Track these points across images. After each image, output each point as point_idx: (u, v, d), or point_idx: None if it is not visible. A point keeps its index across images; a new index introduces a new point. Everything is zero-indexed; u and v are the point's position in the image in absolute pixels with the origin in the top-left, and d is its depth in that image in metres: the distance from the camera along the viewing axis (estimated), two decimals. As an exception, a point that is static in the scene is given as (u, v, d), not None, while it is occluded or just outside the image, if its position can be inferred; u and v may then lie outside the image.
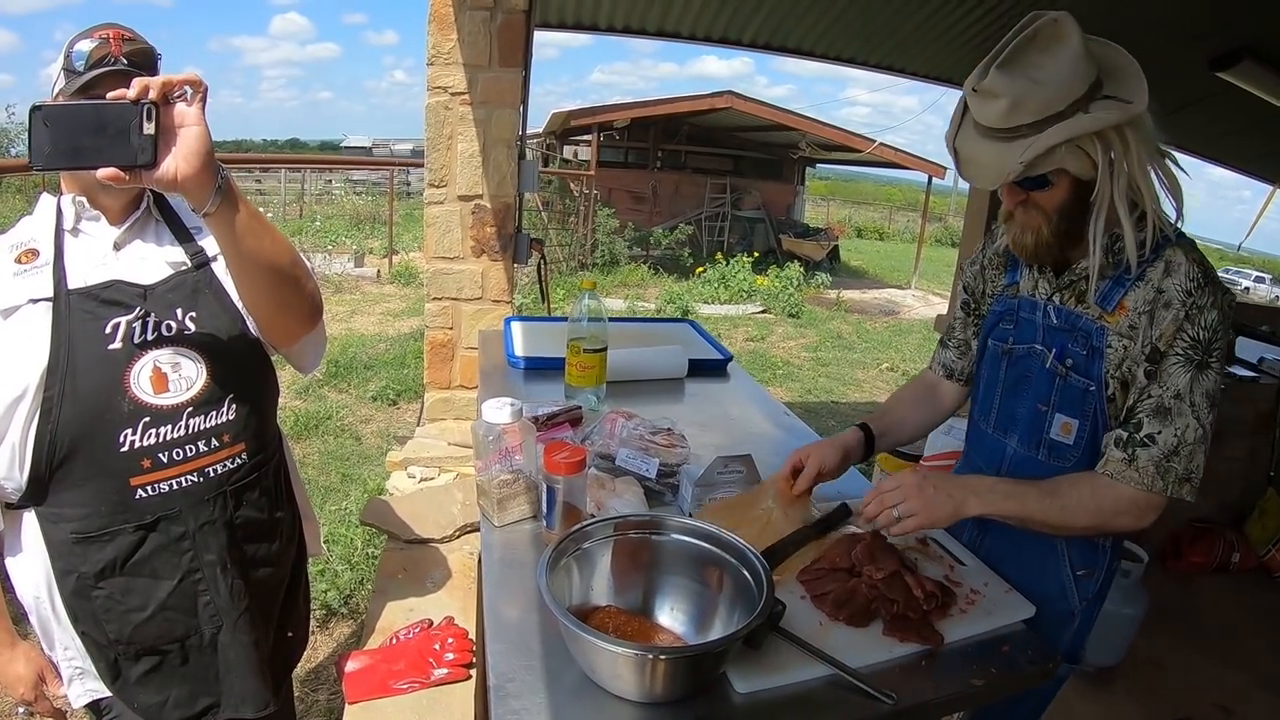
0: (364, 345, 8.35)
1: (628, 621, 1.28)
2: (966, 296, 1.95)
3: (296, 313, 1.64)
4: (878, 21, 4.79)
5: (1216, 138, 6.19)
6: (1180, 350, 1.48)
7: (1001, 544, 1.73)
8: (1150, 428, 1.50)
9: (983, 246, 1.91)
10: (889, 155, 19.26)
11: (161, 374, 1.53)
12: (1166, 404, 1.49)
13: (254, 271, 1.50)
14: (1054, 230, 1.56)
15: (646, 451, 1.80)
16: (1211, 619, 4.19)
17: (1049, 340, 1.67)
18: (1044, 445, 1.69)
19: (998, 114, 1.45)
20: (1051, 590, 1.71)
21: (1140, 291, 1.52)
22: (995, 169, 1.49)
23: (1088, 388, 1.60)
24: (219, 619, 1.65)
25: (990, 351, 1.82)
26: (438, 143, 3.20)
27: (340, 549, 4.03)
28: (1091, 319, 1.59)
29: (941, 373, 2.04)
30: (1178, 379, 1.49)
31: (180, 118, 1.26)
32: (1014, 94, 1.42)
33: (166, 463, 1.54)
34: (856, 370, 9.91)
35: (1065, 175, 1.49)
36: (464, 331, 3.52)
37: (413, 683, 2.04)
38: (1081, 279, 1.60)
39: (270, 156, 28.53)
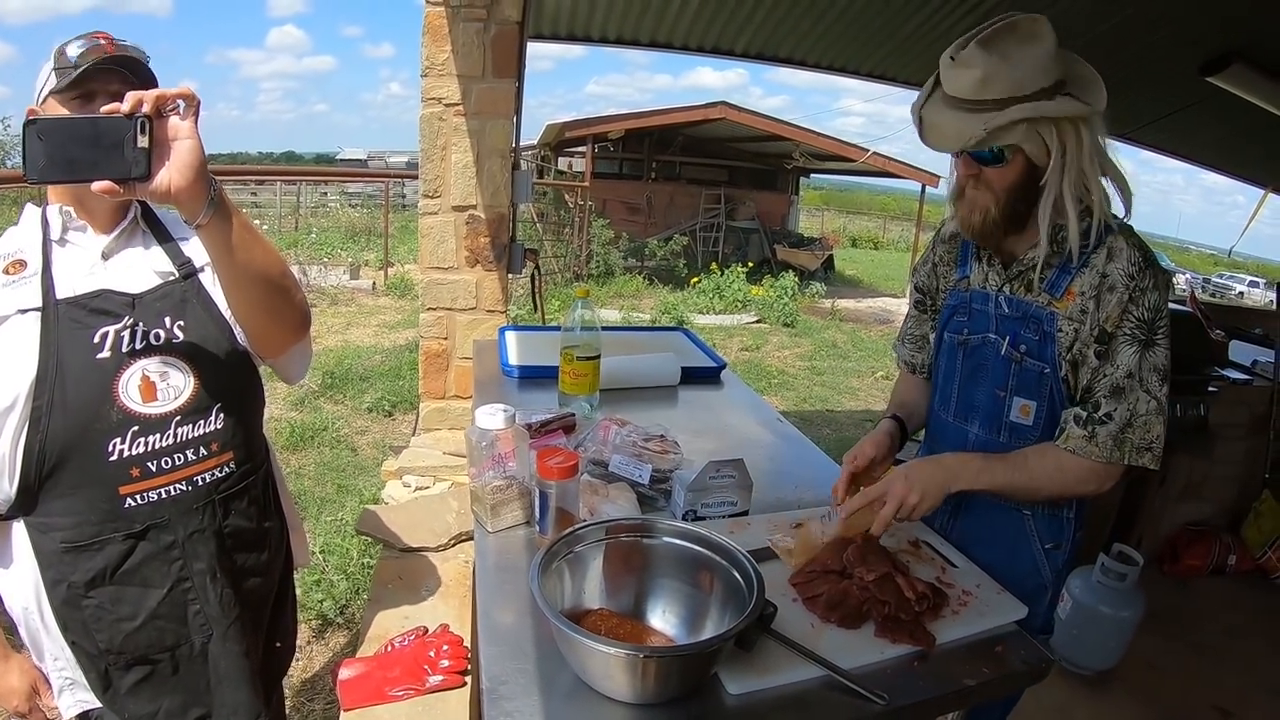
0: (359, 357, 8.36)
1: (620, 624, 1.29)
2: (920, 295, 2.04)
3: (287, 323, 1.65)
4: (870, 30, 4.81)
5: (1209, 143, 6.22)
6: (1128, 331, 1.58)
7: (974, 526, 1.84)
8: (1108, 406, 1.60)
9: (932, 246, 1.99)
10: (883, 164, 19.29)
11: (150, 383, 1.53)
12: (1120, 383, 1.59)
13: (246, 282, 1.51)
14: (1002, 211, 1.64)
15: (639, 458, 1.80)
16: (1209, 622, 4.19)
17: (1002, 329, 1.75)
18: (1005, 429, 1.77)
19: (969, 84, 1.54)
20: (1025, 566, 1.81)
21: (1086, 277, 1.62)
22: (957, 134, 1.57)
23: (1042, 370, 1.69)
24: (209, 628, 1.64)
25: (946, 343, 1.90)
26: (432, 153, 3.21)
27: (336, 559, 4.03)
28: (1041, 306, 1.68)
29: (904, 369, 2.14)
30: (1129, 359, 1.59)
31: (174, 131, 1.27)
32: (987, 69, 1.52)
33: (155, 471, 1.54)
34: (851, 379, 9.93)
35: (1020, 156, 1.58)
36: (459, 341, 3.52)
37: (408, 690, 2.05)
38: (1029, 269, 1.68)
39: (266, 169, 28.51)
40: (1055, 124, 1.54)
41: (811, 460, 2.20)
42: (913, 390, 2.11)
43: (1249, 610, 4.38)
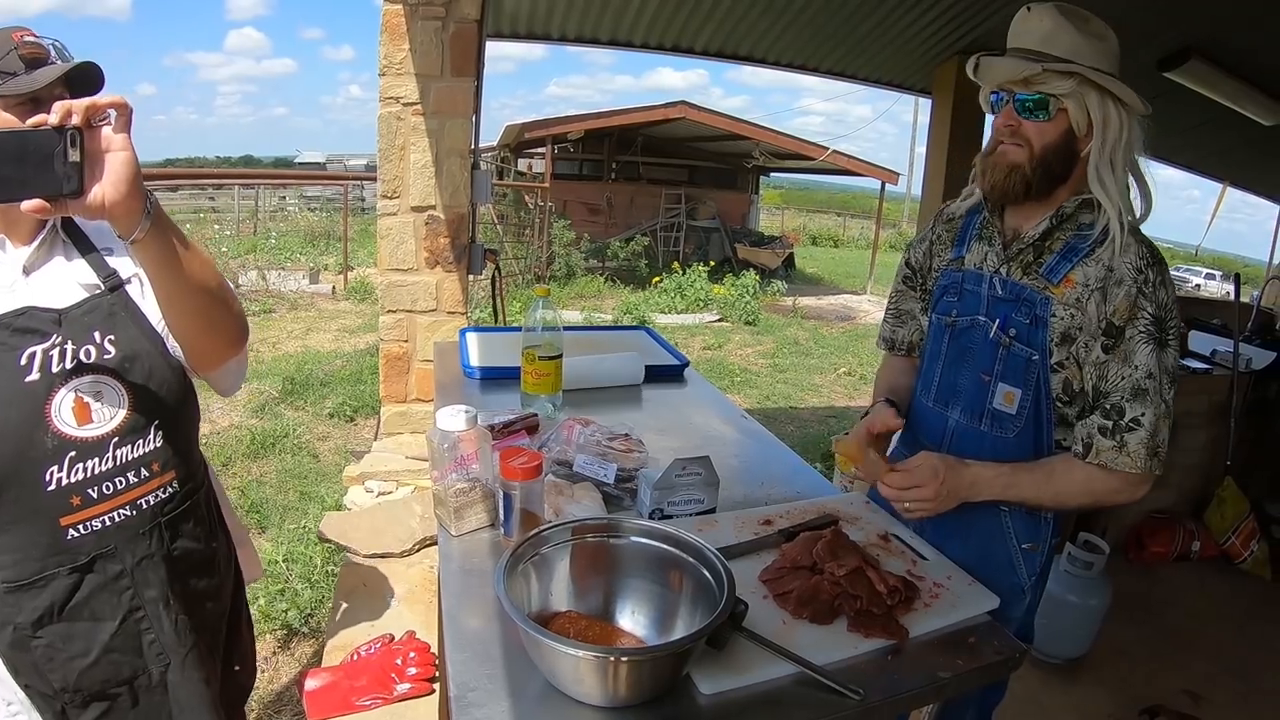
0: (320, 362, 8.28)
1: (589, 626, 1.26)
2: (908, 271, 2.04)
3: (225, 336, 1.58)
4: (829, 28, 4.83)
5: (1164, 137, 6.30)
6: (1142, 328, 1.57)
7: (950, 521, 1.76)
8: (1133, 411, 1.58)
9: (931, 224, 1.99)
10: (843, 162, 19.45)
11: (84, 404, 1.44)
12: (1142, 384, 1.57)
13: (183, 297, 1.44)
14: (1034, 170, 1.64)
15: (604, 457, 1.78)
16: (1175, 608, 4.25)
17: (992, 311, 1.75)
18: (987, 415, 1.77)
19: (1037, 35, 1.61)
20: (999, 563, 1.79)
21: (1090, 268, 1.62)
22: (1013, 68, 1.61)
23: (1030, 356, 1.68)
24: (166, 657, 1.57)
25: (934, 326, 1.90)
26: (390, 153, 3.18)
27: (300, 567, 3.97)
28: (1036, 290, 1.67)
29: (883, 346, 2.13)
30: (1147, 359, 1.57)
31: (106, 142, 1.20)
32: (1057, 25, 1.58)
33: (97, 498, 1.46)
34: (814, 376, 9.97)
35: (1063, 115, 1.61)
36: (419, 344, 3.49)
37: (375, 699, 2.02)
38: (1029, 248, 1.70)
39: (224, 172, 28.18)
40: (1103, 99, 1.59)
41: (778, 456, 2.19)
42: (897, 373, 2.10)
43: (1214, 596, 4.46)
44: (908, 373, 2.07)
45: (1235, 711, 3.39)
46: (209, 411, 6.58)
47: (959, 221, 1.91)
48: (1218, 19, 3.98)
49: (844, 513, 1.75)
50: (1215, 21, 4.01)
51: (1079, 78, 1.57)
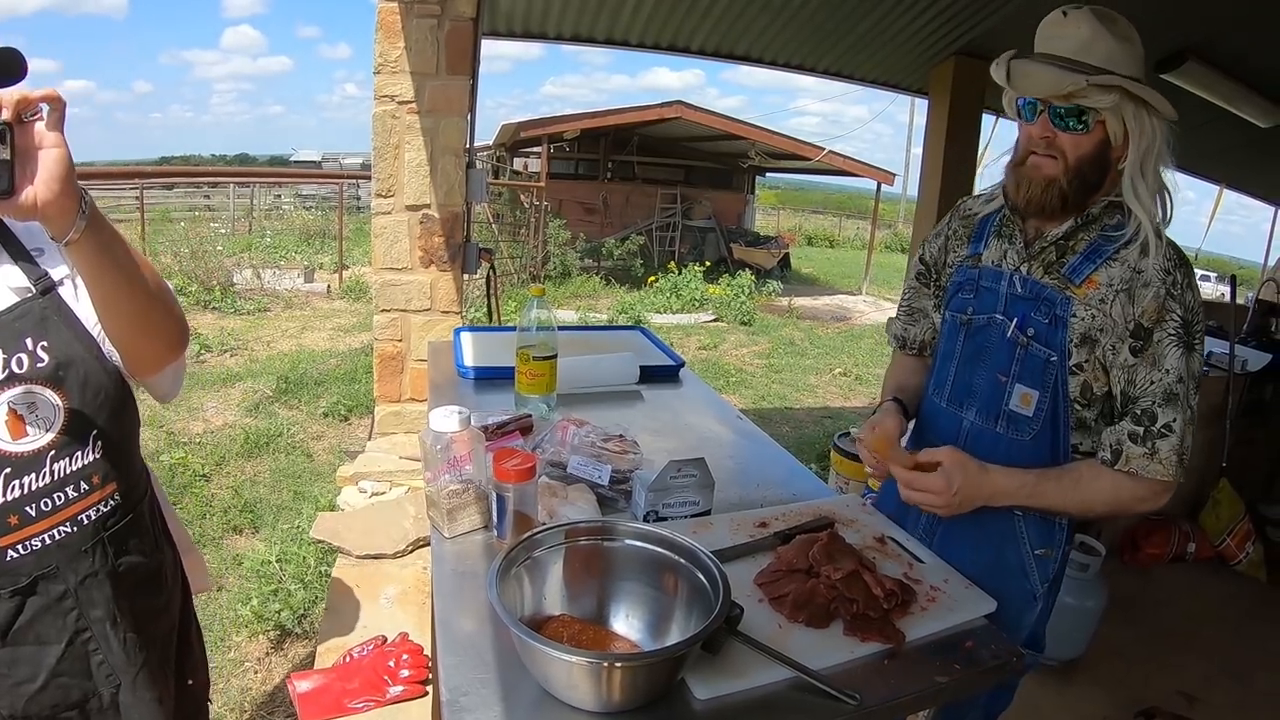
0: (314, 361, 8.27)
1: (582, 630, 1.25)
2: (922, 267, 2.00)
3: (165, 340, 1.50)
4: (827, 27, 4.82)
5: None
6: (1171, 331, 1.54)
7: (961, 525, 1.75)
8: (1165, 417, 1.55)
9: (948, 219, 1.94)
10: (839, 163, 19.45)
11: (18, 416, 1.36)
12: (1173, 389, 1.55)
13: (121, 299, 1.36)
14: (1069, 181, 1.61)
15: (598, 458, 1.77)
16: (1171, 609, 4.26)
17: (1010, 310, 1.71)
18: (1003, 417, 1.73)
19: (1074, 42, 1.56)
20: (1011, 568, 1.77)
21: (1114, 270, 1.59)
22: (1055, 80, 1.55)
23: (1049, 357, 1.65)
24: (116, 678, 1.51)
25: (949, 323, 1.86)
26: (385, 152, 3.16)
27: (293, 568, 3.96)
28: (1057, 289, 1.64)
29: (894, 344, 2.09)
30: (1176, 362, 1.55)
31: (38, 139, 1.14)
32: (1095, 32, 1.54)
33: (35, 516, 1.38)
34: (810, 376, 9.96)
35: (1100, 128, 1.58)
36: (413, 343, 3.47)
37: (368, 701, 2.00)
38: (1051, 247, 1.66)
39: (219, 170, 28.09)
40: (1139, 107, 1.56)
41: (773, 458, 2.17)
42: (907, 372, 2.07)
43: (1209, 597, 4.46)
44: (918, 372, 2.04)
45: (1230, 713, 3.39)
46: (202, 410, 6.58)
47: (975, 218, 1.88)
48: (1215, 21, 3.98)
49: (840, 515, 1.73)
50: (1212, 23, 4.01)
51: (1120, 91, 1.54)
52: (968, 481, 1.61)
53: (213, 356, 8.17)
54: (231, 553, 4.40)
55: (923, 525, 1.85)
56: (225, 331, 8.95)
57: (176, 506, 4.66)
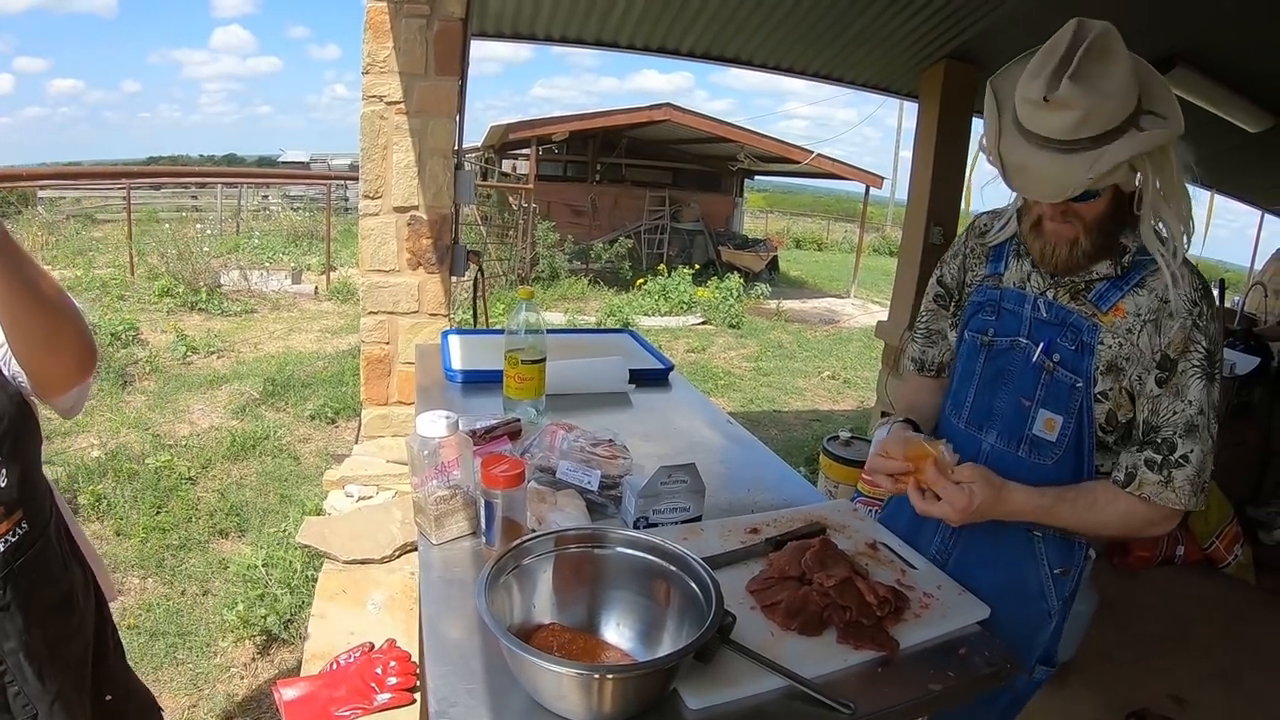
0: (301, 363, 8.23)
1: (573, 639, 1.24)
2: (940, 290, 1.94)
3: (75, 358, 1.43)
4: (817, 30, 4.82)
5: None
6: (1196, 363, 1.51)
7: (979, 545, 1.75)
8: (1184, 448, 1.53)
9: (964, 239, 1.90)
10: (827, 166, 19.47)
11: None
12: (1195, 420, 1.52)
13: (29, 317, 1.31)
14: (1093, 241, 1.56)
15: (588, 463, 1.75)
16: (1160, 612, 4.26)
17: (1036, 334, 1.67)
18: (1026, 442, 1.69)
19: (1067, 126, 1.43)
20: (1030, 590, 1.75)
21: (1142, 299, 1.55)
22: (1059, 182, 1.47)
23: (1075, 383, 1.61)
24: (32, 708, 1.48)
25: (968, 344, 1.81)
26: (373, 153, 3.14)
27: (279, 572, 3.93)
28: (1084, 316, 1.61)
29: (911, 367, 2.04)
30: (1199, 394, 1.52)
31: None
32: (1087, 106, 1.41)
33: None
34: (798, 379, 9.96)
35: (1112, 187, 1.51)
36: (401, 346, 3.45)
37: (355, 709, 1.98)
38: (1080, 279, 1.61)
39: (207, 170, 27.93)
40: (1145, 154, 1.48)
41: (763, 462, 2.16)
42: (921, 392, 2.02)
43: (1198, 600, 4.47)
44: (934, 393, 1.99)
45: (1221, 715, 3.38)
46: (188, 413, 6.55)
47: (992, 240, 1.83)
48: (1203, 26, 3.98)
49: (831, 520, 1.72)
50: (1201, 28, 4.02)
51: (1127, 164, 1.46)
52: (986, 499, 1.57)
53: (199, 358, 8.12)
54: (217, 556, 4.37)
55: (936, 545, 1.83)
56: (211, 333, 8.90)
57: (162, 510, 4.65)
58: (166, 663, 3.41)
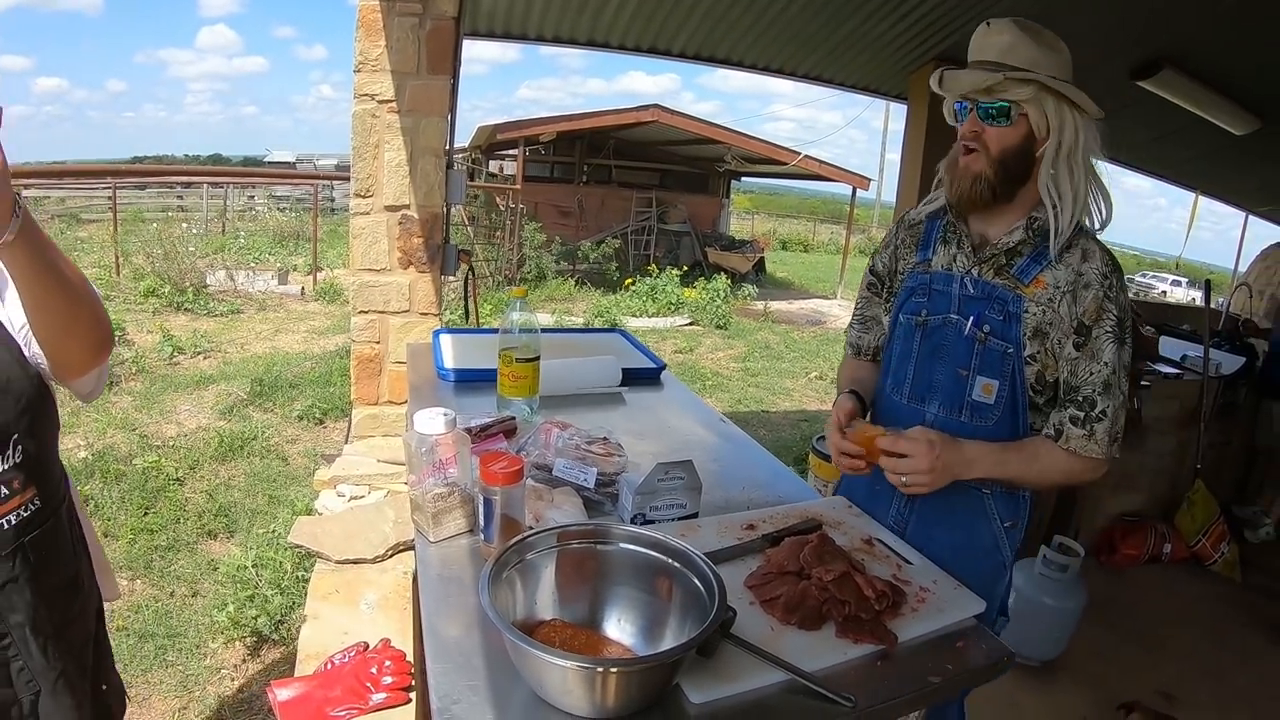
0: (289, 364, 8.19)
1: (575, 635, 1.24)
2: (873, 279, 2.12)
3: (94, 341, 1.49)
4: (808, 31, 4.83)
5: (1138, 145, 6.36)
6: (1108, 329, 1.72)
7: (936, 505, 1.87)
8: (1103, 404, 1.73)
9: (895, 230, 2.07)
10: (814, 168, 19.51)
11: None
12: (1109, 379, 1.73)
13: (51, 301, 1.36)
14: (996, 175, 1.75)
15: (584, 461, 1.76)
16: (1148, 609, 4.30)
17: (965, 309, 1.84)
18: (966, 408, 1.85)
19: (997, 48, 1.72)
20: (985, 544, 1.90)
21: (1060, 272, 1.74)
22: (976, 79, 1.72)
23: (1006, 350, 1.78)
24: (36, 684, 1.50)
25: (903, 326, 1.96)
26: (364, 151, 3.13)
27: (270, 573, 3.93)
28: (1008, 289, 1.79)
29: (850, 352, 2.21)
30: (1111, 356, 1.73)
31: None
32: (1015, 38, 1.70)
33: None
34: (785, 380, 10.00)
35: (1024, 120, 1.72)
36: (391, 345, 3.44)
37: (350, 709, 1.97)
38: (1000, 254, 1.80)
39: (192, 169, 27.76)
40: (1060, 104, 1.70)
41: (757, 460, 2.17)
42: (860, 370, 2.17)
43: (1186, 597, 4.52)
44: (871, 371, 2.14)
45: (1209, 711, 3.42)
46: (176, 413, 6.52)
47: (921, 226, 1.99)
48: (1190, 29, 4.01)
49: (827, 517, 1.73)
50: (1188, 32, 4.04)
51: (1038, 85, 1.68)
52: (946, 448, 1.71)
53: (186, 358, 8.07)
54: (206, 558, 4.35)
55: (894, 513, 1.96)
56: (198, 333, 8.85)
57: (150, 511, 4.63)
58: (156, 665, 3.40)
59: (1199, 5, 3.75)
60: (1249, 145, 5.50)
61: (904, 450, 1.71)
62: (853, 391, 2.00)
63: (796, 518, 1.72)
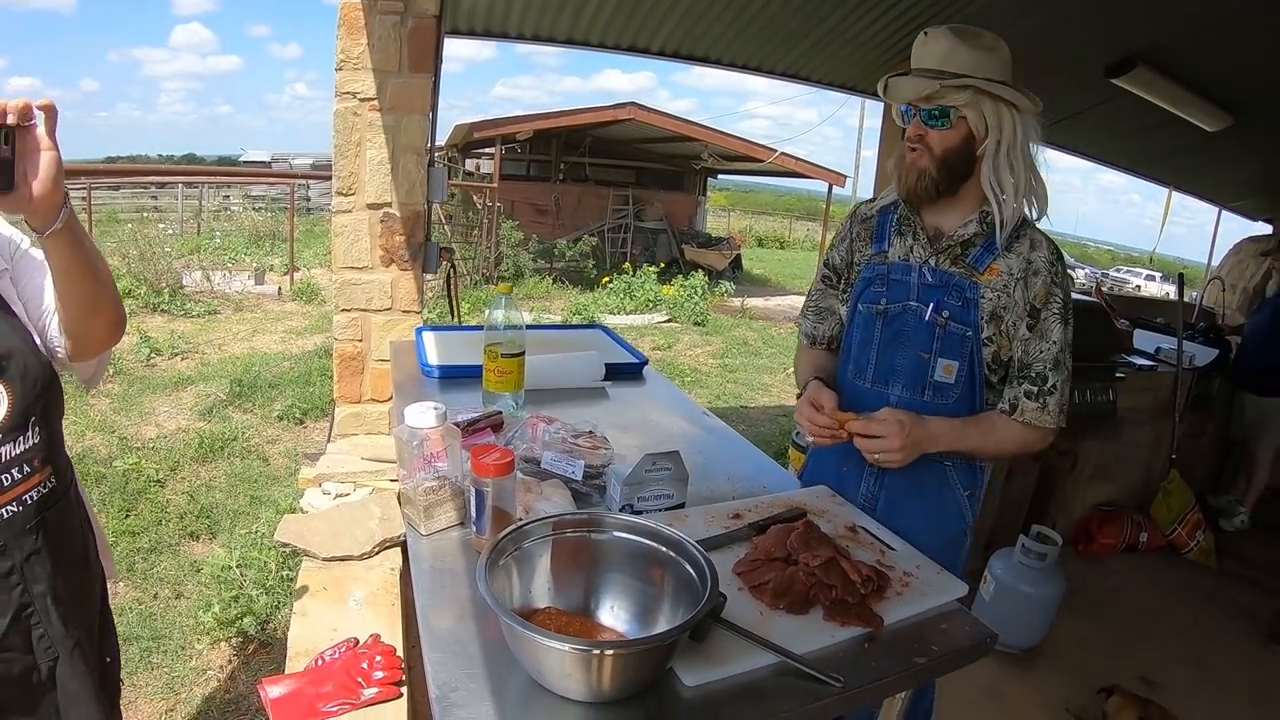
0: (267, 364, 8.14)
1: (569, 622, 1.26)
2: (828, 272, 2.22)
3: (114, 322, 1.63)
4: (786, 29, 4.85)
5: (1111, 141, 6.42)
6: (1056, 310, 1.89)
7: (903, 480, 2.01)
8: (1054, 378, 1.90)
9: (849, 224, 2.18)
10: (790, 165, 19.53)
11: None
12: (1059, 357, 1.89)
13: (86, 286, 1.49)
14: (939, 171, 1.88)
15: (571, 454, 1.78)
16: (1126, 597, 4.37)
17: (924, 297, 1.96)
18: (928, 388, 1.98)
19: (935, 56, 1.84)
20: (950, 512, 2.07)
21: (1012, 261, 1.89)
22: (916, 88, 1.84)
23: (965, 333, 1.92)
24: (54, 651, 1.57)
25: (863, 315, 2.06)
26: (346, 149, 3.12)
27: (254, 573, 3.91)
28: (964, 276, 1.92)
29: (805, 342, 2.30)
30: (1059, 335, 1.89)
31: (36, 141, 1.28)
32: (952, 46, 1.82)
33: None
34: (764, 375, 10.04)
35: (963, 123, 1.84)
36: (374, 343, 3.44)
37: (342, 704, 1.97)
38: (956, 245, 1.93)
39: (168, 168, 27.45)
40: (996, 104, 1.83)
41: (740, 452, 2.21)
42: (820, 358, 2.27)
43: (1162, 584, 4.58)
44: (829, 358, 2.26)
45: (1187, 695, 3.47)
46: (154, 415, 6.48)
47: (874, 220, 2.11)
48: (1164, 27, 4.05)
49: (811, 506, 1.76)
50: (1162, 29, 4.08)
51: (973, 89, 1.80)
52: (913, 425, 1.83)
53: (163, 360, 8.01)
54: (189, 559, 4.33)
55: (864, 490, 2.08)
56: (175, 334, 8.78)
57: (131, 513, 4.61)
58: (141, 667, 3.38)
59: (1173, 4, 3.79)
60: (1221, 141, 5.57)
61: (877, 432, 1.82)
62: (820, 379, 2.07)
63: (782, 506, 1.75)
